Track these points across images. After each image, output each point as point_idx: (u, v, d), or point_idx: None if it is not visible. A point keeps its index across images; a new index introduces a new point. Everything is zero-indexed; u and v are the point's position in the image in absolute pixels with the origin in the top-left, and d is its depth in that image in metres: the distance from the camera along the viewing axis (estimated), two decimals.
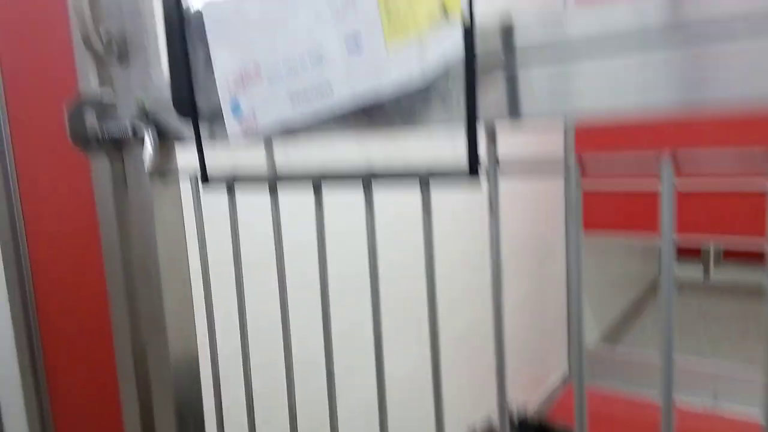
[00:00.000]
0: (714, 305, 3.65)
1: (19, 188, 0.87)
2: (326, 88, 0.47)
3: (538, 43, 0.40)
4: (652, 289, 3.86)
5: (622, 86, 0.38)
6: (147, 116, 0.66)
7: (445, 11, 0.39)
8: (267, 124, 0.54)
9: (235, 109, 0.56)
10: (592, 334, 3.09)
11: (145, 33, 0.66)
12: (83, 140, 0.69)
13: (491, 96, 0.42)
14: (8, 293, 0.89)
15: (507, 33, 0.41)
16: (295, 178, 0.55)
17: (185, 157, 0.68)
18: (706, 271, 3.95)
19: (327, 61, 0.47)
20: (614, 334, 3.30)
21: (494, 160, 0.43)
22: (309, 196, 0.56)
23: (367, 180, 0.49)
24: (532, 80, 0.41)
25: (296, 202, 0.78)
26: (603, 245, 3.04)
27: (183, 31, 0.58)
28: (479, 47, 0.41)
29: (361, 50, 0.45)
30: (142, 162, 0.70)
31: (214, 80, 0.57)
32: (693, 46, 0.35)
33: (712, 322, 3.37)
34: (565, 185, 2.42)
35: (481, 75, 0.42)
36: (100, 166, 0.74)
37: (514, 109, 0.42)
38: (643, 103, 0.37)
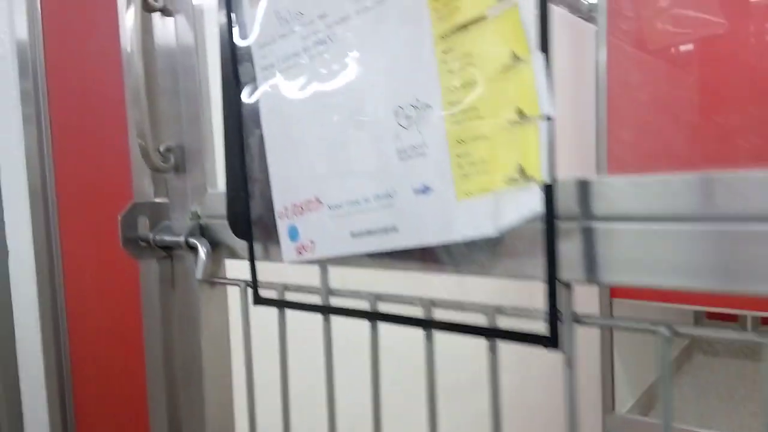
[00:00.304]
0: (750, 367, 3.53)
1: (64, 282, 0.88)
2: (392, 230, 0.47)
3: (616, 204, 0.39)
4: (686, 352, 3.73)
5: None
6: (201, 230, 0.65)
7: (523, 173, 0.38)
8: (325, 254, 0.53)
9: (293, 234, 0.55)
10: (627, 401, 2.97)
11: (203, 147, 0.66)
12: (134, 246, 0.69)
13: (566, 254, 0.41)
14: (47, 386, 0.89)
15: (584, 190, 0.40)
16: (349, 312, 0.54)
17: (234, 263, 0.67)
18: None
19: (394, 204, 0.46)
20: (650, 399, 3.17)
21: (571, 317, 0.41)
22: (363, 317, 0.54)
23: (428, 329, 0.48)
24: (613, 240, 0.39)
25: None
26: (636, 307, 2.95)
27: (243, 156, 0.59)
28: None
29: (430, 199, 0.44)
30: (191, 267, 0.70)
31: (272, 201, 0.57)
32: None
33: (751, 385, 3.25)
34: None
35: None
36: (149, 267, 0.74)
37: (591, 272, 0.40)
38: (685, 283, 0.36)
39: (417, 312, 0.50)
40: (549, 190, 0.38)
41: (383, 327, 0.53)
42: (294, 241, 0.55)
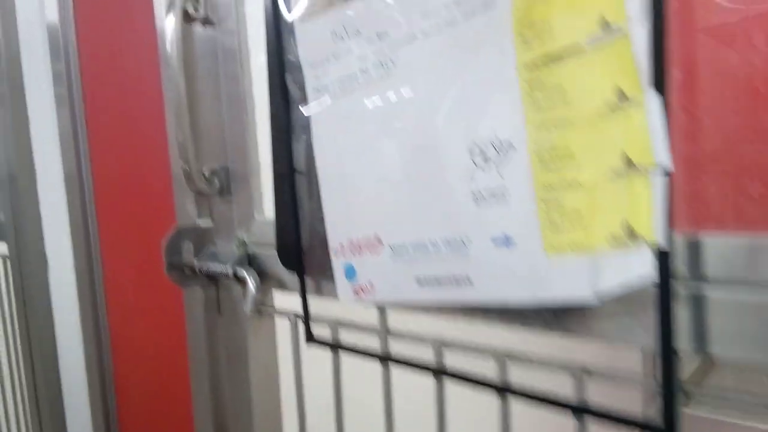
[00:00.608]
0: None
1: (106, 310, 0.86)
2: (465, 281, 0.41)
3: (736, 268, 0.33)
4: None
5: None
6: (249, 259, 0.62)
7: (631, 233, 0.33)
8: (386, 298, 0.48)
9: (349, 273, 0.51)
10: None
11: (249, 170, 0.62)
12: (178, 273, 0.66)
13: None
14: (91, 412, 0.87)
15: (696, 250, 0.34)
16: (411, 364, 0.49)
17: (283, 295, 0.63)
18: None
19: (467, 252, 0.41)
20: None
21: (679, 390, 0.36)
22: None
23: (503, 394, 0.43)
24: (729, 309, 0.33)
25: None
26: None
27: (293, 183, 0.54)
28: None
29: (512, 250, 0.38)
30: (238, 295, 0.66)
31: (325, 234, 0.53)
32: None
33: None
34: None
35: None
36: (194, 292, 0.71)
37: (700, 343, 0.34)
38: None
39: (487, 364, 0.46)
40: (664, 257, 0.32)
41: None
42: (351, 280, 0.51)
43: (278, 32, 0.53)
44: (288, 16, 0.53)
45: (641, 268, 0.33)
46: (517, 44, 0.37)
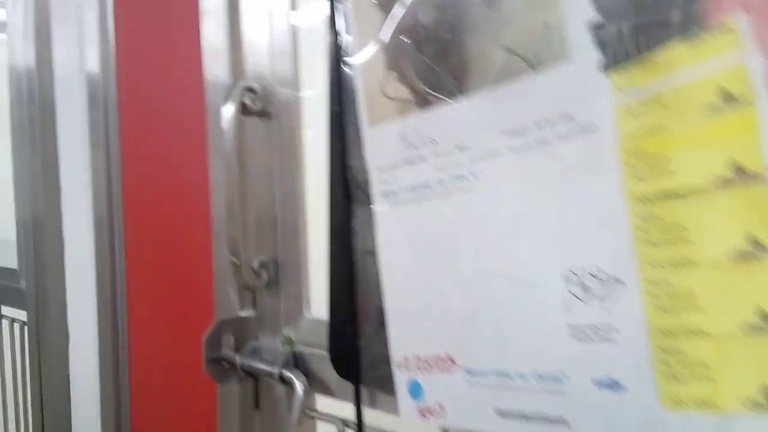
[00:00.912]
0: None
1: (129, 392, 0.82)
2: (560, 423, 0.38)
3: None
4: None
5: None
6: (296, 360, 0.58)
7: None
8: (459, 425, 0.44)
9: (415, 392, 0.47)
10: None
11: (299, 264, 0.59)
12: (218, 369, 0.62)
13: None
14: None
15: None
16: None
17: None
18: None
19: (563, 390, 0.37)
20: None
21: None
22: None
23: None
24: None
25: None
26: None
27: (352, 287, 0.51)
28: None
29: (621, 396, 0.35)
30: (280, 394, 0.62)
31: (385, 341, 0.49)
32: None
33: None
34: None
35: None
36: (229, 386, 0.67)
37: None
38: None
39: None
40: None
41: None
42: (416, 399, 0.47)
43: (342, 133, 0.52)
44: (352, 117, 0.51)
45: None
46: (625, 174, 0.35)
